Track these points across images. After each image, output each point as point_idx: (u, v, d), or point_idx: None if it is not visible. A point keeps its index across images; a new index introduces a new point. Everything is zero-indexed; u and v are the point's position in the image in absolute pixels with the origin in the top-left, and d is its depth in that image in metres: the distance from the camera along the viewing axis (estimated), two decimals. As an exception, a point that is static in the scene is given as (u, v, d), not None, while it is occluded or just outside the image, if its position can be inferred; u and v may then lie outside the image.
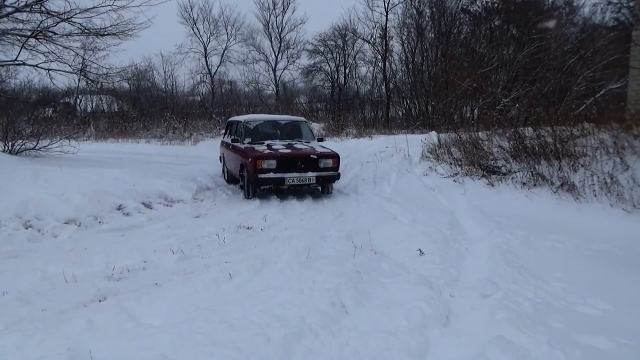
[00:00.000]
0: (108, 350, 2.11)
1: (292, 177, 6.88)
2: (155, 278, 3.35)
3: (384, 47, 25.68)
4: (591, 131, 7.46)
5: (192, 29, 32.91)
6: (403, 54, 25.05)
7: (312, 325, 2.39)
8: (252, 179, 6.88)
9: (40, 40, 9.72)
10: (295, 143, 7.67)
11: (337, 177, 7.37)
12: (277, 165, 6.87)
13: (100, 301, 2.90)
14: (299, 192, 7.81)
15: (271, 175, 6.85)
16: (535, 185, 6.48)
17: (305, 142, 7.90)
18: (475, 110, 16.33)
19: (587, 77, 12.17)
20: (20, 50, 9.63)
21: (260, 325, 2.34)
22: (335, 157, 7.26)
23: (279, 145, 7.40)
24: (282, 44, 34.08)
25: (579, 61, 12.82)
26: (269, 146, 7.34)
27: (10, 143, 7.28)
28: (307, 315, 2.51)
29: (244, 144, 7.70)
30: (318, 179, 7.09)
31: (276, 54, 34.08)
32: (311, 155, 6.95)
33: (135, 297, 2.80)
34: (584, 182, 5.94)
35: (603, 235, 4.68)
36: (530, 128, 8.30)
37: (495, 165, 7.58)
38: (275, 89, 33.35)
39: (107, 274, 3.43)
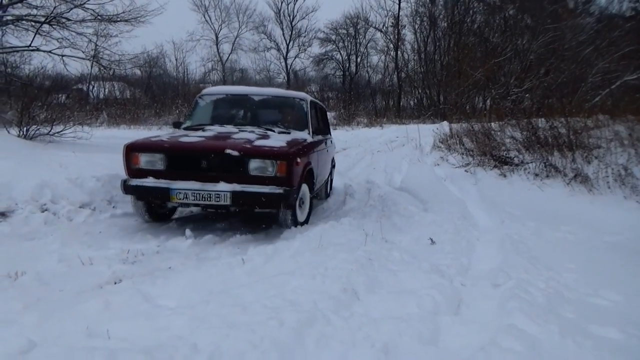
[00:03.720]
0: (125, 330, 2.15)
1: (186, 191, 3.93)
2: (169, 262, 3.41)
3: (396, 36, 25.49)
4: (606, 123, 7.39)
5: (204, 16, 32.95)
6: (415, 43, 24.88)
7: (324, 310, 2.42)
8: (122, 187, 4.15)
9: (53, 26, 9.80)
10: (263, 133, 4.72)
11: (287, 198, 4.01)
12: (166, 166, 4.11)
13: (115, 283, 2.95)
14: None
15: (150, 183, 4.05)
16: (547, 176, 6.44)
17: (283, 132, 4.93)
18: (488, 101, 16.19)
19: (603, 68, 11.99)
20: (34, 36, 9.72)
21: (273, 309, 2.37)
22: (284, 157, 4.01)
23: (231, 135, 4.54)
24: (294, 32, 33.98)
25: (595, 52, 12.63)
26: (208, 136, 4.48)
27: (25, 128, 7.36)
28: (319, 301, 2.53)
29: (180, 129, 5.24)
30: (237, 198, 3.92)
31: (287, 42, 34.01)
32: (226, 151, 3.95)
33: (150, 279, 2.85)
34: (598, 174, 5.90)
35: (616, 227, 4.65)
36: (543, 119, 8.24)
37: (507, 156, 7.54)
38: (286, 77, 33.30)
39: (122, 257, 3.49)
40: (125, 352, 1.86)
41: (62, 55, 10.24)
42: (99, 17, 10.11)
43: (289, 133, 4.94)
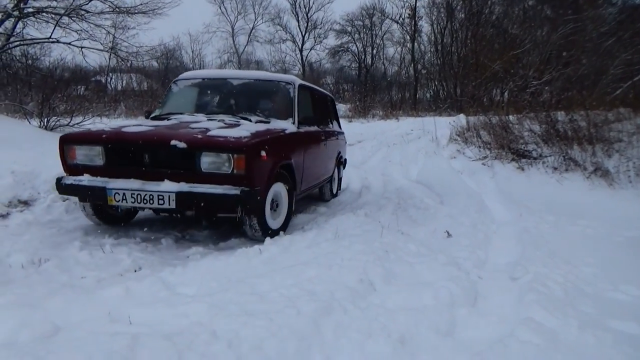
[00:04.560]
0: (146, 316, 2.19)
1: (124, 191, 3.32)
2: (187, 251, 3.47)
3: (412, 28, 25.26)
4: (627, 116, 7.25)
5: (220, 8, 33.05)
6: (432, 34, 24.64)
7: (341, 300, 2.44)
8: (56, 186, 3.63)
9: (73, 18, 9.91)
10: (233, 122, 4.04)
11: (246, 200, 3.32)
12: (106, 161, 3.52)
13: (135, 271, 3.01)
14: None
15: (85, 181, 3.47)
16: (566, 170, 6.35)
17: (261, 121, 4.22)
18: (506, 93, 15.97)
19: (625, 59, 11.72)
20: (54, 28, 9.85)
21: (290, 299, 2.39)
22: (242, 149, 3.28)
23: (190, 124, 3.84)
24: (309, 24, 33.88)
25: (617, 43, 12.34)
26: (160, 125, 3.85)
27: (45, 119, 7.50)
28: (336, 291, 2.55)
29: (148, 119, 4.57)
30: (183, 200, 3.29)
31: (303, 33, 33.94)
32: (172, 143, 3.29)
33: (170, 268, 2.90)
34: (619, 167, 5.80)
35: (637, 222, 4.58)
36: (562, 112, 8.11)
37: (525, 149, 7.46)
38: (301, 70, 33.27)
39: (141, 246, 3.55)
40: (147, 337, 1.90)
41: (81, 47, 10.36)
42: (117, 9, 10.21)
43: (267, 122, 4.24)
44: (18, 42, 10.50)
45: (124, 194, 3.34)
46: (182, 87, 4.93)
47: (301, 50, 33.73)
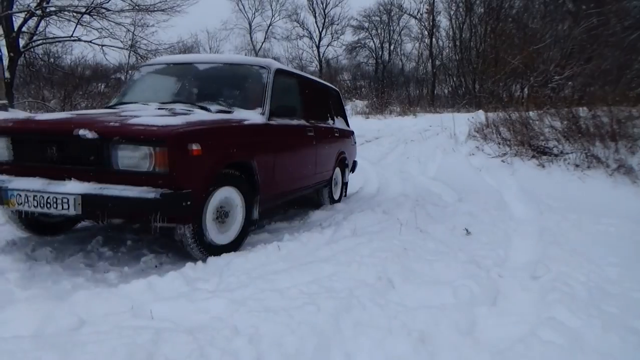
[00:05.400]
0: (167, 311, 2.22)
1: (26, 192, 2.72)
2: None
3: (430, 23, 25.02)
4: (653, 112, 7.08)
5: (238, 5, 33.18)
6: (450, 29, 24.33)
7: (360, 297, 2.44)
8: None
9: (94, 16, 10.10)
10: (184, 112, 3.34)
11: (168, 207, 2.67)
12: (13, 155, 2.97)
13: (156, 266, 3.05)
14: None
15: None
16: (589, 167, 6.24)
17: (222, 111, 3.56)
18: (526, 89, 15.73)
19: (650, 54, 11.43)
20: (75, 27, 10.05)
21: (310, 295, 2.40)
22: (164, 141, 2.66)
23: (142, 113, 3.18)
24: (327, 20, 33.79)
25: (642, 37, 12.03)
26: (96, 114, 3.22)
27: (68, 116, 7.63)
28: (355, 288, 2.55)
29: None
30: (90, 205, 2.65)
31: (320, 30, 33.88)
32: (79, 133, 2.70)
33: (190, 263, 2.93)
34: (643, 165, 5.67)
35: (662, 220, 4.47)
36: (584, 108, 7.95)
37: (546, 146, 7.33)
38: (318, 66, 33.22)
39: (162, 240, 3.60)
40: (170, 332, 1.93)
41: (102, 45, 10.54)
42: (136, 7, 10.36)
43: (229, 112, 3.57)
44: (41, 41, 10.72)
45: (25, 195, 2.71)
46: (145, 73, 4.36)
47: (318, 47, 33.68)
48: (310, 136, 4.61)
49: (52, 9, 10.02)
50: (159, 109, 3.46)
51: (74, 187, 2.68)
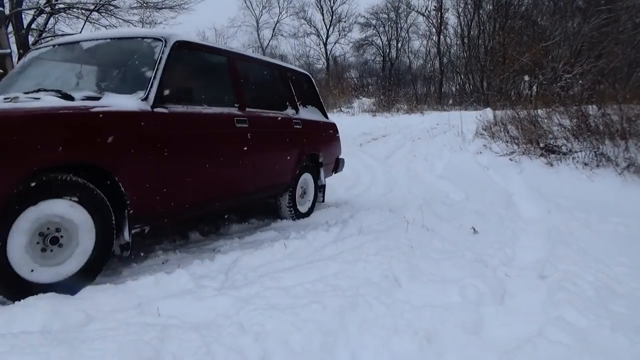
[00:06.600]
0: (173, 308, 2.23)
1: None
2: (214, 244, 3.52)
3: (438, 20, 24.87)
4: (663, 110, 6.99)
5: (245, 2, 33.12)
6: (458, 27, 24.17)
7: (366, 296, 2.43)
8: None
9: (102, 13, 10.14)
10: (30, 100, 2.55)
11: None
12: None
13: (163, 263, 3.07)
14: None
15: None
16: (598, 166, 6.17)
17: (89, 98, 2.67)
18: (534, 87, 15.62)
19: (661, 51, 11.30)
20: (84, 24, 10.09)
21: (315, 293, 2.40)
22: None
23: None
24: (334, 17, 33.70)
25: (653, 34, 11.90)
26: None
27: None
28: (361, 286, 2.55)
29: None
30: None
31: (327, 27, 33.79)
32: None
33: (197, 260, 2.94)
34: (654, 164, 5.60)
35: (672, 220, 4.42)
36: (594, 105, 7.87)
37: (554, 144, 7.26)
38: (325, 63, 33.15)
39: (170, 239, 3.62)
40: (176, 329, 1.94)
41: (110, 42, 10.57)
42: (144, 4, 10.39)
43: (98, 99, 2.69)
44: (50, 38, 10.77)
45: None
46: (30, 58, 3.56)
47: (325, 44, 33.61)
48: (242, 128, 3.62)
49: (61, 6, 10.08)
50: (4, 100, 2.61)
51: None
